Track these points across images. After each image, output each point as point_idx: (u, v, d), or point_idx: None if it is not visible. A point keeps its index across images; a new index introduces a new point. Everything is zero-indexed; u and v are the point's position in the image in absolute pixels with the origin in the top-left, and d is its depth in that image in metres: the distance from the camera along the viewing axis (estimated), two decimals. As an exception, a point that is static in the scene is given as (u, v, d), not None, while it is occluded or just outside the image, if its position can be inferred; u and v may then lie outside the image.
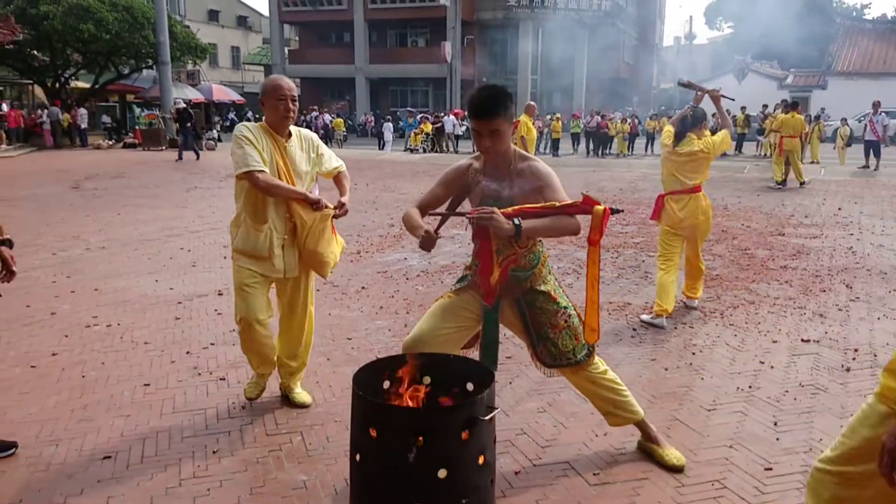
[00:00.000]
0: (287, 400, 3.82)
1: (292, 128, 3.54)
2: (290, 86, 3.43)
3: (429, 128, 24.43)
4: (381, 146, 26.50)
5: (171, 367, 4.33)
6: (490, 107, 2.74)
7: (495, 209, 2.65)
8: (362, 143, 31.34)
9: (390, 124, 27.62)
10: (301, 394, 3.83)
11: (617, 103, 39.18)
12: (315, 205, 3.42)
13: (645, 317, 5.26)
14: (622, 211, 2.81)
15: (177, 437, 3.43)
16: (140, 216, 10.25)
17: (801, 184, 13.79)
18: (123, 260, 7.37)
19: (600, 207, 2.69)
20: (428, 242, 2.77)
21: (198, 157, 20.44)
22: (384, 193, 13.14)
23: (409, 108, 33.33)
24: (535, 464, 3.20)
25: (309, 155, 3.60)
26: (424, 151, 22.80)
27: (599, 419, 3.38)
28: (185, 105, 22.46)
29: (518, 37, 39.74)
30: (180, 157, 20.17)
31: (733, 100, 5.83)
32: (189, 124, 21.10)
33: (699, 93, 5.42)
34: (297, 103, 3.46)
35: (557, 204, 2.73)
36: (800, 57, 42.46)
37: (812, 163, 18.97)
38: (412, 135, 25.44)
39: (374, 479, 2.37)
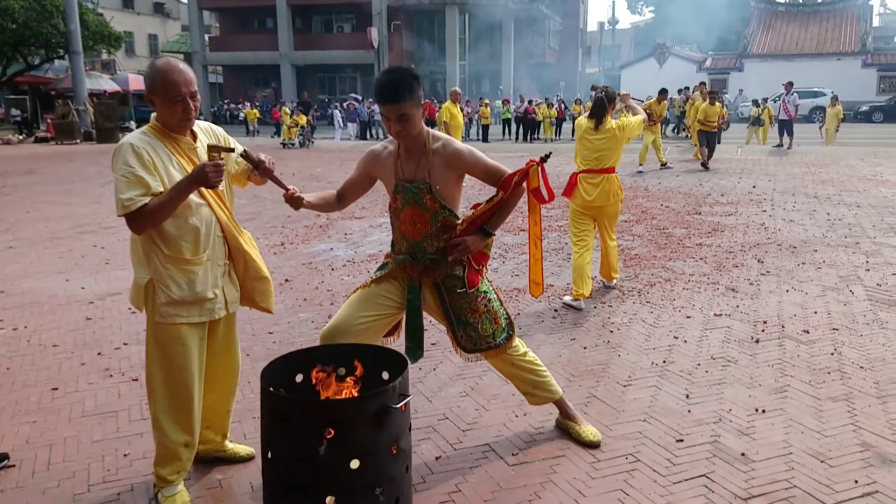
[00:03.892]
0: (222, 461, 3.09)
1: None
2: (188, 78, 2.56)
3: (303, 120, 23.03)
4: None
5: (81, 370, 4.16)
6: (395, 91, 2.71)
7: (465, 239, 2.85)
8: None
9: (337, 112, 27.01)
10: (239, 446, 3.16)
11: (544, 88, 39.68)
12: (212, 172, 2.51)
13: (566, 299, 5.36)
14: (550, 153, 2.93)
15: (86, 441, 3.30)
16: (51, 213, 9.80)
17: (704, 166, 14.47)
18: (32, 259, 7.04)
19: (533, 167, 2.83)
20: (292, 201, 2.93)
21: None
22: (311, 182, 12.94)
23: (352, 95, 32.68)
24: (456, 448, 3.22)
25: None
26: (301, 146, 21.75)
27: (520, 400, 3.43)
28: None
29: (445, 22, 39.66)
30: None
31: (641, 101, 6.27)
32: None
33: None
34: (198, 98, 2.61)
35: (503, 195, 2.85)
36: (718, 40, 43.92)
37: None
38: (286, 129, 23.14)
39: (285, 475, 2.33)
